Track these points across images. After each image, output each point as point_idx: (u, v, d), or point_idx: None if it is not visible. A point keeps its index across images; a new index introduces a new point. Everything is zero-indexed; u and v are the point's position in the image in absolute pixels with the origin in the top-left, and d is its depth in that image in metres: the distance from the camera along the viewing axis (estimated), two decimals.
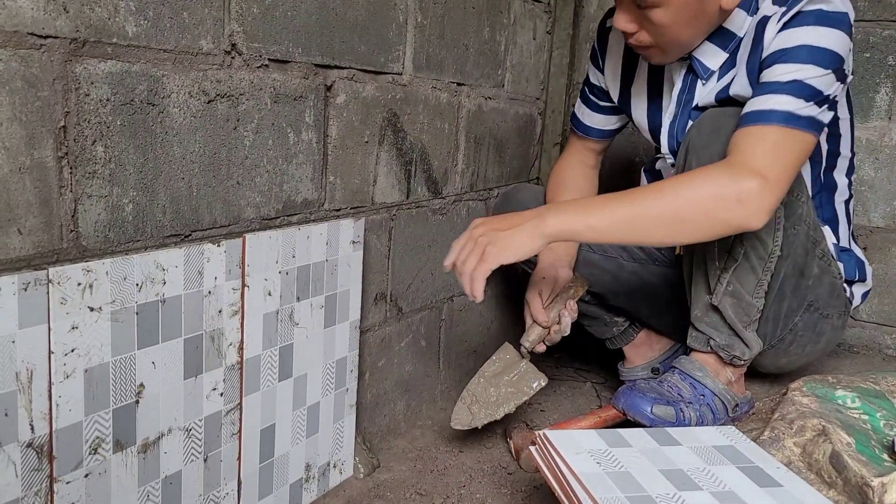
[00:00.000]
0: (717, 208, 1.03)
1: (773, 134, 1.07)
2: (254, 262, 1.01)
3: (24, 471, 0.76)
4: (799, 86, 1.08)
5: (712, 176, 1.05)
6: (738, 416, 1.33)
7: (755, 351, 1.29)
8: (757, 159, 1.05)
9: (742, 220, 1.04)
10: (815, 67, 1.08)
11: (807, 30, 1.10)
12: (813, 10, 1.10)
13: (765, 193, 1.03)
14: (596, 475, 0.99)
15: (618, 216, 1.03)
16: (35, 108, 0.75)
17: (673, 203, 1.03)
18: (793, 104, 1.08)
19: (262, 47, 1.02)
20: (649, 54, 1.22)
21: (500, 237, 1.04)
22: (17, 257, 0.76)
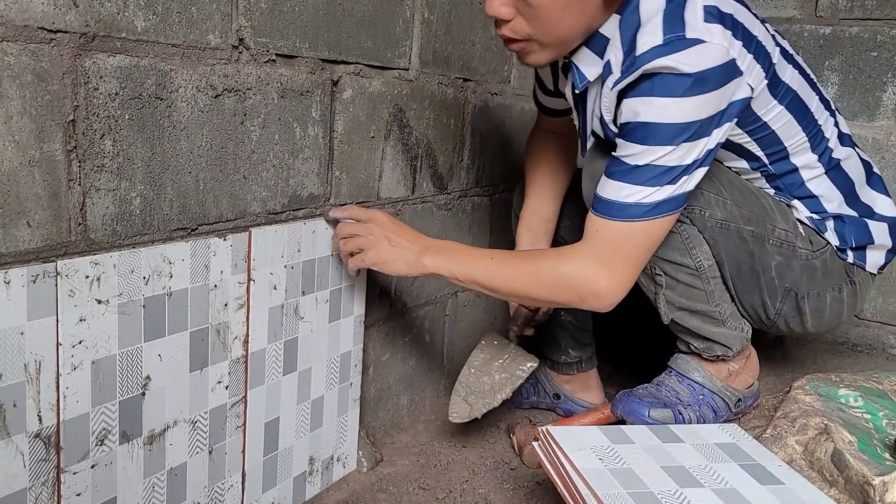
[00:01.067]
0: (564, 298, 1.09)
1: (618, 229, 1.04)
2: (259, 257, 1.02)
3: (31, 461, 0.77)
4: (646, 171, 1.02)
5: (561, 269, 1.07)
6: (741, 410, 1.32)
7: (739, 344, 1.27)
8: (604, 256, 1.05)
9: (589, 308, 1.09)
10: (665, 147, 1.00)
11: (652, 104, 0.99)
12: (658, 78, 0.99)
13: (610, 290, 1.06)
14: (598, 471, 0.99)
15: (477, 279, 1.10)
16: (45, 102, 0.76)
17: (525, 283, 1.10)
18: (641, 194, 1.02)
19: (270, 42, 1.02)
20: (524, 50, 1.08)
21: (384, 250, 1.11)
22: (26, 250, 0.77)
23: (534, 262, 1.12)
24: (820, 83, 1.69)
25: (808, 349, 1.81)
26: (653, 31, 1.00)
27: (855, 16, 1.78)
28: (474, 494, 1.24)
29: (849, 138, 1.29)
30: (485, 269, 1.11)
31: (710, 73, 0.98)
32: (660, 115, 0.99)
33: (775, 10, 1.87)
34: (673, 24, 1.00)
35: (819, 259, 1.23)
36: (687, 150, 1.02)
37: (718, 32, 0.99)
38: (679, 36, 0.98)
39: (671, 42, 0.98)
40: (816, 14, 1.83)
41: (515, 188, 1.55)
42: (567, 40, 1.08)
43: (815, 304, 1.26)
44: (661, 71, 0.98)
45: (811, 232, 1.24)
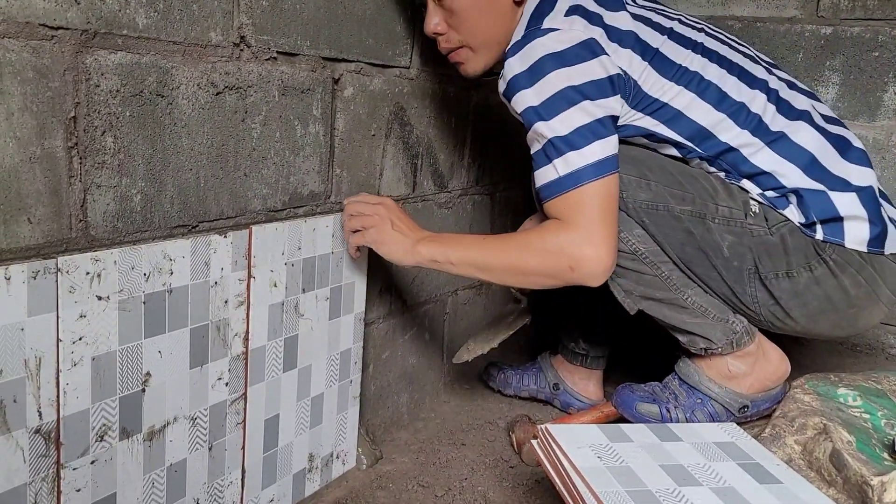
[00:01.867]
0: (554, 266, 1.12)
1: (568, 201, 1.10)
2: (260, 254, 1.02)
3: (31, 457, 0.77)
4: (549, 149, 1.11)
5: (546, 238, 1.11)
6: (749, 415, 1.28)
7: (722, 336, 1.24)
8: (569, 223, 1.10)
9: (584, 275, 1.11)
10: (547, 122, 1.10)
11: (522, 94, 1.11)
12: (521, 75, 1.11)
13: (584, 243, 1.09)
14: (597, 469, 0.99)
15: (472, 261, 1.15)
16: (46, 99, 0.76)
17: (517, 257, 1.14)
18: (561, 167, 1.10)
19: (271, 40, 1.03)
20: (462, 60, 1.24)
21: (385, 232, 1.16)
22: (26, 246, 0.77)
23: (521, 237, 1.17)
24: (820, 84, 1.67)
25: (807, 348, 1.81)
26: (520, 29, 1.16)
27: (856, 16, 1.78)
28: (473, 492, 1.24)
29: (804, 114, 1.24)
30: (478, 251, 1.15)
31: (567, 51, 1.10)
32: (522, 105, 1.11)
33: (776, 9, 1.87)
34: (534, 20, 1.14)
35: (776, 235, 1.18)
36: (569, 116, 1.09)
37: (573, 20, 1.12)
38: (537, 27, 1.12)
39: (527, 34, 1.12)
40: (818, 14, 1.82)
41: None
42: (490, 43, 1.21)
43: (788, 286, 1.20)
44: (511, 73, 1.12)
45: (767, 209, 1.20)
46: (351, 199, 1.19)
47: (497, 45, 1.21)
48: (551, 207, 1.12)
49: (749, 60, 1.26)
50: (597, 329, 1.57)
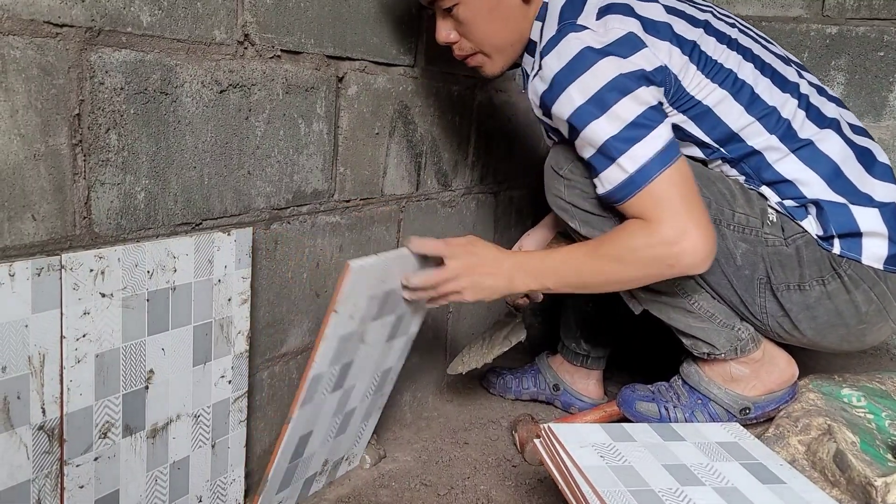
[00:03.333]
0: (655, 267, 1.10)
1: (649, 194, 1.07)
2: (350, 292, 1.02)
3: (35, 453, 0.78)
4: (610, 147, 1.07)
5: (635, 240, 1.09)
6: (751, 418, 1.26)
7: (726, 343, 1.23)
8: (659, 217, 1.07)
9: (687, 266, 1.09)
10: (605, 116, 1.06)
11: (569, 95, 1.08)
12: (560, 73, 1.08)
13: (681, 234, 1.06)
14: (599, 468, 0.99)
15: (569, 283, 1.15)
16: (50, 96, 0.76)
17: (615, 276, 1.13)
18: (631, 160, 1.06)
19: (275, 38, 1.03)
20: (478, 64, 1.24)
21: (477, 290, 1.16)
22: (30, 243, 0.77)
23: (612, 247, 1.12)
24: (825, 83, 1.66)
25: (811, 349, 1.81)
26: (551, 25, 1.14)
27: (861, 15, 1.77)
28: (476, 491, 1.24)
29: (833, 122, 1.21)
30: (574, 273, 1.14)
31: (607, 46, 1.07)
32: (570, 107, 1.08)
33: (782, 9, 1.86)
34: (567, 15, 1.12)
35: (791, 247, 1.17)
36: (622, 108, 1.06)
37: (606, 21, 1.10)
38: (570, 22, 1.10)
39: (562, 29, 1.10)
40: (823, 13, 1.82)
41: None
42: (504, 47, 1.21)
43: (799, 299, 1.18)
44: (551, 70, 1.09)
45: (784, 219, 1.18)
46: (419, 248, 1.15)
47: (511, 47, 1.21)
48: (630, 208, 1.09)
49: (780, 61, 1.24)
50: (599, 329, 1.57)
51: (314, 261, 1.18)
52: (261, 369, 1.11)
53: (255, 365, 1.09)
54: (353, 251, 1.27)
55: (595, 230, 1.19)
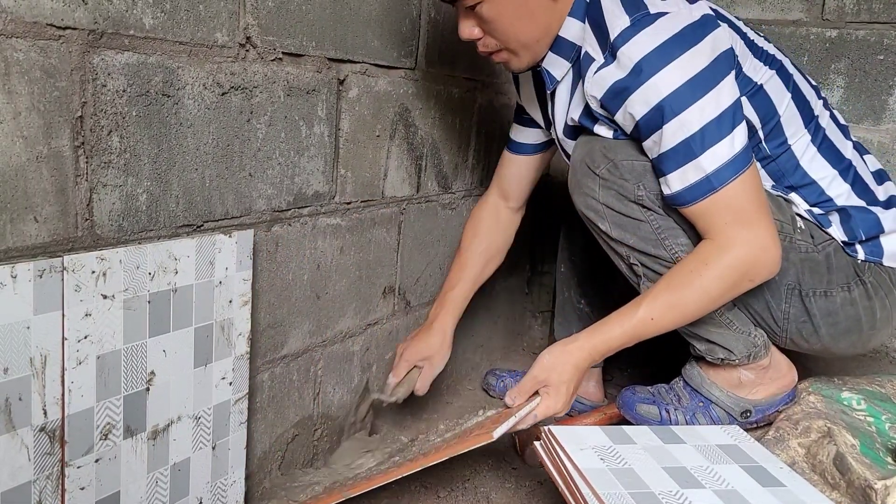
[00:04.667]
0: (735, 290, 1.09)
1: (721, 200, 1.05)
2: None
3: (36, 455, 0.78)
4: (695, 141, 1.03)
5: (710, 271, 1.08)
6: (753, 421, 1.27)
7: (744, 349, 1.23)
8: (734, 229, 1.06)
9: (764, 278, 1.09)
10: (690, 111, 1.02)
11: (652, 86, 1.03)
12: (643, 61, 1.03)
13: (764, 249, 1.06)
14: (599, 471, 0.99)
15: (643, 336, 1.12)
16: (53, 98, 0.77)
17: (694, 304, 1.10)
18: (712, 157, 1.03)
19: (277, 40, 1.03)
20: (504, 60, 1.18)
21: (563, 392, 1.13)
22: (32, 244, 0.77)
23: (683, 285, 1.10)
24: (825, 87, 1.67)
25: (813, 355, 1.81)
26: (618, 15, 1.08)
27: (861, 19, 1.77)
28: (476, 493, 1.24)
29: (845, 128, 1.26)
30: (655, 324, 1.11)
31: (686, 30, 1.04)
32: (665, 89, 1.03)
33: (781, 12, 1.86)
34: (635, 5, 1.07)
35: (822, 253, 1.18)
36: (725, 93, 1.03)
37: (675, 2, 1.07)
38: (644, 13, 1.05)
39: (638, 21, 1.05)
40: (823, 17, 1.82)
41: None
42: (530, 44, 1.15)
43: (824, 305, 1.20)
44: (641, 54, 1.03)
45: (812, 226, 1.19)
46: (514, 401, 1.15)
47: (538, 43, 1.15)
48: (698, 211, 1.07)
49: (801, 75, 1.24)
50: None
51: (315, 263, 1.18)
52: (261, 371, 1.11)
53: (256, 366, 1.10)
54: (354, 253, 1.27)
55: (627, 233, 1.17)
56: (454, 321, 1.41)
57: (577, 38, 1.14)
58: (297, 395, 1.21)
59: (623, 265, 1.23)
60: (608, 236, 1.20)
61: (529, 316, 2.05)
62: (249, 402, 1.06)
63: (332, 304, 1.24)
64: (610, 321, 1.13)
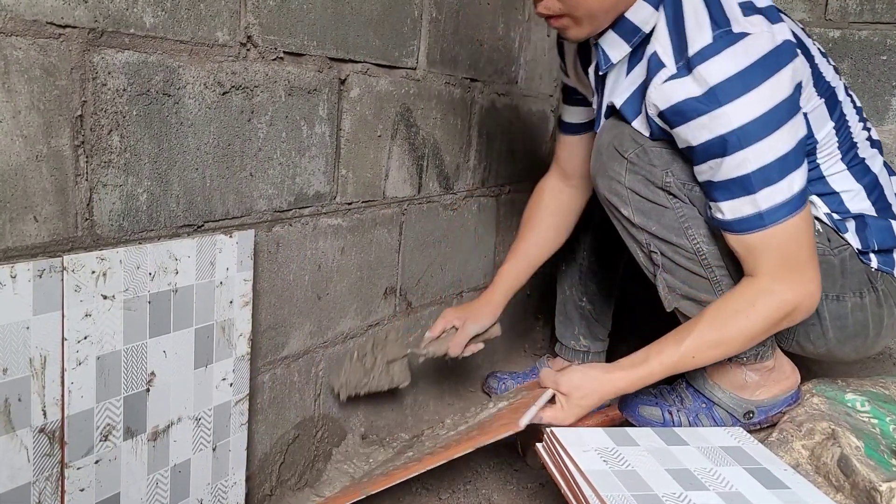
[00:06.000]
0: (775, 328, 1.10)
1: (771, 238, 1.04)
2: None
3: (35, 456, 0.77)
4: (758, 175, 1.02)
5: (754, 312, 1.07)
6: (756, 422, 1.26)
7: (751, 349, 1.21)
8: (782, 271, 1.05)
9: (800, 320, 1.10)
10: (769, 141, 1.00)
11: (723, 114, 1.00)
12: (718, 87, 1.00)
13: (809, 296, 1.06)
14: (602, 473, 0.99)
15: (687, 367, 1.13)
16: (53, 97, 0.76)
17: (740, 346, 1.11)
18: (768, 196, 1.02)
19: (278, 40, 1.02)
20: (562, 26, 1.12)
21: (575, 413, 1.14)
22: (32, 244, 0.77)
23: (728, 325, 1.10)
24: None
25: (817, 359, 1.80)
26: (700, 27, 1.03)
27: (864, 19, 1.77)
28: (477, 495, 1.24)
29: (877, 143, 1.26)
30: (683, 366, 1.12)
31: (767, 57, 1.00)
32: (735, 121, 1.00)
33: None
34: (718, 18, 1.02)
35: (837, 257, 1.18)
36: (777, 140, 1.01)
37: (759, 22, 1.02)
38: (727, 31, 1.01)
39: (720, 38, 1.01)
40: (826, 17, 1.82)
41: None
42: (595, 15, 1.09)
43: (835, 309, 1.20)
44: (719, 78, 0.99)
45: (829, 230, 1.20)
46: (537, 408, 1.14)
47: (604, 15, 1.10)
48: (744, 242, 1.06)
49: (850, 100, 1.23)
50: (601, 328, 1.57)
51: (316, 263, 1.18)
52: (262, 372, 1.11)
53: (257, 367, 1.09)
54: (355, 253, 1.27)
55: (650, 220, 1.16)
56: (503, 293, 1.44)
57: (643, 24, 1.11)
58: (298, 396, 1.20)
59: (641, 254, 1.22)
60: (630, 222, 1.19)
61: (531, 318, 2.04)
62: (250, 403, 1.05)
63: (332, 304, 1.24)
64: (650, 359, 1.13)
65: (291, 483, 1.21)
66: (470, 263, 1.65)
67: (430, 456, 1.08)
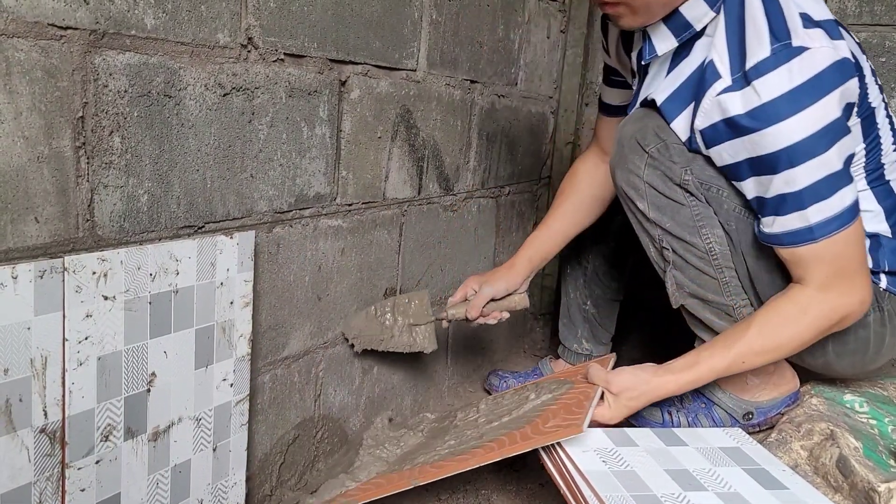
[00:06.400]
0: (825, 334, 1.11)
1: (823, 250, 1.04)
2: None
3: (36, 456, 0.77)
4: (810, 191, 1.02)
5: (807, 315, 1.08)
6: (755, 423, 1.27)
7: None
8: (831, 281, 1.06)
9: (851, 324, 1.10)
10: (821, 159, 1.00)
11: (779, 130, 1.00)
12: (774, 102, 1.00)
13: (862, 304, 1.07)
14: (602, 473, 0.99)
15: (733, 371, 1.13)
16: (54, 99, 0.76)
17: (790, 351, 1.11)
18: (819, 211, 1.02)
19: (278, 41, 1.03)
20: (617, 14, 1.12)
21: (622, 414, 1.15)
22: (33, 245, 0.77)
23: (779, 331, 1.11)
24: None
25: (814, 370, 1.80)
26: (760, 39, 1.03)
27: (863, 21, 1.77)
28: (477, 495, 1.24)
29: None
30: (733, 369, 1.13)
31: (825, 74, 0.99)
32: (788, 138, 1.00)
33: None
34: (778, 30, 1.02)
35: None
36: (829, 158, 1.01)
37: (819, 36, 1.01)
38: (785, 44, 1.01)
39: (779, 52, 1.01)
40: None
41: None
42: (652, 7, 1.09)
43: None
44: (773, 94, 1.00)
45: None
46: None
47: (661, 8, 1.10)
48: (794, 255, 1.07)
49: (888, 122, 1.22)
50: (604, 331, 1.57)
51: (316, 264, 1.18)
52: (262, 372, 1.11)
53: (257, 368, 1.09)
54: (355, 254, 1.27)
55: (664, 216, 1.17)
56: (526, 259, 1.44)
57: (695, 21, 1.11)
58: (299, 396, 1.20)
59: (653, 249, 1.22)
60: (644, 216, 1.19)
61: (531, 318, 2.05)
62: (250, 403, 1.06)
63: (333, 305, 1.24)
64: (700, 363, 1.13)
65: (291, 483, 1.22)
66: (470, 264, 1.66)
67: (482, 451, 1.06)
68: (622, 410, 1.14)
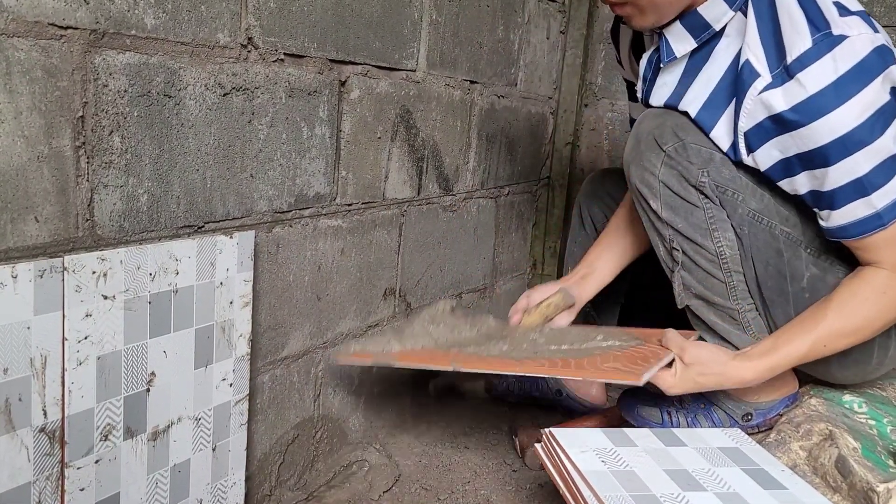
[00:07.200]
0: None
1: (892, 235, 1.04)
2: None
3: (36, 455, 0.77)
4: (871, 177, 1.01)
5: (886, 296, 1.07)
6: (754, 424, 1.27)
7: None
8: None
9: None
10: (877, 145, 0.99)
11: (827, 122, 0.99)
12: (819, 94, 0.99)
13: None
14: (601, 473, 0.99)
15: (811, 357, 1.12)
16: (54, 98, 0.76)
17: (871, 332, 1.10)
18: (883, 195, 1.02)
19: (278, 41, 1.03)
20: (627, 14, 1.12)
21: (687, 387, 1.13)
22: (33, 245, 0.77)
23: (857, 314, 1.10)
24: None
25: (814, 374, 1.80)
26: (798, 32, 1.02)
27: None
28: (476, 496, 1.24)
29: None
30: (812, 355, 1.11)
31: (868, 59, 0.98)
32: (839, 128, 0.99)
33: None
34: (817, 20, 1.01)
35: None
36: (886, 141, 1.00)
37: (857, 23, 1.00)
38: (826, 34, 1.00)
39: (820, 42, 0.99)
40: None
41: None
42: (659, 6, 1.08)
43: None
44: (820, 84, 0.99)
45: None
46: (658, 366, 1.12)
47: (670, 7, 1.09)
48: (867, 245, 1.06)
49: None
50: None
51: (316, 264, 1.18)
52: (262, 372, 1.11)
53: (257, 368, 1.09)
54: (355, 254, 1.27)
55: (677, 217, 1.15)
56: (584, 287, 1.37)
57: (714, 21, 1.10)
58: (298, 396, 1.20)
59: (662, 248, 1.21)
60: (656, 215, 1.18)
61: None
62: (250, 403, 1.06)
63: (332, 305, 1.24)
64: (778, 348, 1.12)
65: (291, 483, 1.22)
66: (469, 265, 1.66)
67: (533, 363, 1.04)
68: (688, 384, 1.11)
